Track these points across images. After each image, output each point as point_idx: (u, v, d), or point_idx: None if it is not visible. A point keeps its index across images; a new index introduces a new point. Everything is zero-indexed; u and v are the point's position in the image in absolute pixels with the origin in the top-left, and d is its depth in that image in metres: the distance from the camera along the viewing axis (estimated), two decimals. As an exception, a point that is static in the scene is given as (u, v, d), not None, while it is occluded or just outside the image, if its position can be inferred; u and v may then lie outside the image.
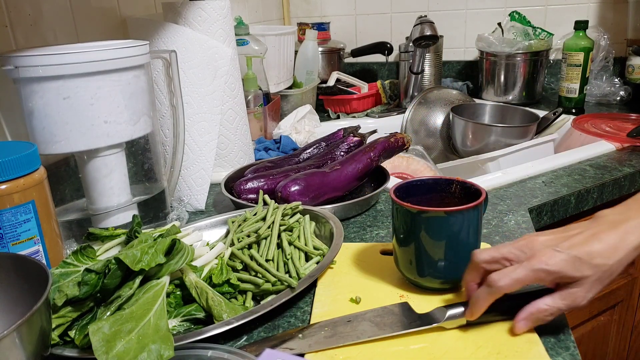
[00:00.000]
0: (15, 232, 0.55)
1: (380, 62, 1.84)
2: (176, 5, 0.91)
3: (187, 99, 0.90)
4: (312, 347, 0.51)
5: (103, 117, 0.68)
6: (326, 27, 1.76)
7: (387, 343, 0.52)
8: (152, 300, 0.51)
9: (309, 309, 0.59)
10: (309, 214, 0.73)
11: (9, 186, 0.54)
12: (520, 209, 0.82)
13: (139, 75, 0.72)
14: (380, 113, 1.52)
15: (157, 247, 0.54)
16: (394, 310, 0.56)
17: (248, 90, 1.17)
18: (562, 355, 0.49)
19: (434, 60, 1.58)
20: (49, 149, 0.67)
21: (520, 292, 0.55)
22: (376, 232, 0.77)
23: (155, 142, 0.80)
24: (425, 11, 1.74)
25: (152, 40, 0.90)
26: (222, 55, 0.93)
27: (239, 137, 1.02)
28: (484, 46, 1.54)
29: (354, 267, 0.67)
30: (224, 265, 0.61)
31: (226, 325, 0.52)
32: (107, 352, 0.45)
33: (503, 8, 1.66)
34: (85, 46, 0.70)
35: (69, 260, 0.57)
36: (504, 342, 0.51)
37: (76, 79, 0.66)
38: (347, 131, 0.99)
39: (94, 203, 0.73)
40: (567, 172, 0.98)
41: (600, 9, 1.58)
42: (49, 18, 0.86)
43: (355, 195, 0.87)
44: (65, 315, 0.52)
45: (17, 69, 0.63)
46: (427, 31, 1.38)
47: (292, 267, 0.62)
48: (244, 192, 0.84)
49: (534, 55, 1.48)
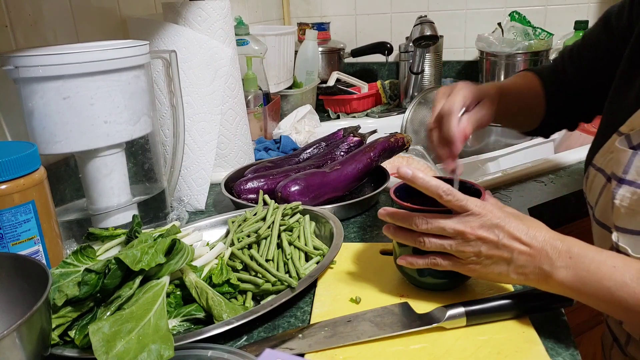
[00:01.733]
0: (15, 232, 0.55)
1: (380, 62, 1.83)
2: (176, 5, 0.91)
3: (187, 99, 0.90)
4: (312, 347, 0.51)
5: (103, 117, 0.68)
6: (326, 27, 1.76)
7: (387, 343, 0.52)
8: (152, 300, 0.51)
9: (309, 309, 0.59)
10: (309, 214, 0.73)
11: (9, 186, 0.54)
12: (521, 209, 0.82)
13: (139, 75, 0.72)
14: (380, 113, 1.52)
15: (157, 247, 0.54)
16: (394, 310, 0.56)
17: (248, 90, 1.17)
18: (562, 355, 0.49)
19: (434, 60, 1.58)
20: (49, 149, 0.67)
21: (521, 292, 0.55)
22: (376, 232, 0.77)
23: (155, 142, 0.80)
24: (425, 11, 1.74)
25: (152, 40, 0.90)
26: (222, 55, 0.93)
27: (239, 137, 1.02)
28: (484, 46, 1.54)
29: (354, 267, 0.67)
30: (224, 265, 0.61)
31: (226, 325, 0.52)
32: (107, 352, 0.45)
33: (503, 8, 1.66)
34: (85, 46, 0.70)
35: (69, 260, 0.57)
36: (504, 342, 0.51)
37: (76, 79, 0.65)
38: (347, 131, 0.99)
39: (94, 203, 0.73)
40: (567, 172, 0.98)
41: (600, 9, 1.58)
42: (49, 18, 0.86)
43: (355, 195, 0.87)
44: (65, 315, 0.52)
45: (17, 69, 0.63)
46: (427, 31, 1.38)
47: (292, 267, 0.62)
48: (244, 192, 0.84)
49: (534, 55, 1.48)
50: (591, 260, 0.49)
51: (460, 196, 0.53)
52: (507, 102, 0.77)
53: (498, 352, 0.49)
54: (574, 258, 0.49)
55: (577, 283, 0.49)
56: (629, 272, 0.47)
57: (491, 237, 0.52)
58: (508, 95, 0.78)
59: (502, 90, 0.76)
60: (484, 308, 0.53)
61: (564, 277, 0.49)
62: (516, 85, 0.83)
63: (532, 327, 0.52)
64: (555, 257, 0.50)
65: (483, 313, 0.53)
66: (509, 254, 0.51)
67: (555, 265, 0.49)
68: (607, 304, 0.49)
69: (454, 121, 0.65)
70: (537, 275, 0.51)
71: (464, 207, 0.53)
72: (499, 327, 0.53)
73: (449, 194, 0.53)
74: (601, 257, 0.49)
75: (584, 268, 0.49)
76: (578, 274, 0.49)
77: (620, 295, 0.47)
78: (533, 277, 0.51)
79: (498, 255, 0.52)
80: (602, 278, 0.48)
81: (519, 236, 0.51)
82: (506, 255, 0.52)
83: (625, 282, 0.47)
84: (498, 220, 0.52)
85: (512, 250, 0.51)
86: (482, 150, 1.24)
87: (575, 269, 0.49)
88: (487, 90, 0.72)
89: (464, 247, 0.53)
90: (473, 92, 0.69)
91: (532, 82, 0.83)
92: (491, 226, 0.52)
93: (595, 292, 0.48)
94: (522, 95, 0.82)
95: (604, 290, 0.48)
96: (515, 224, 0.52)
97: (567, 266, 0.49)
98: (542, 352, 0.49)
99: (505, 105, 0.76)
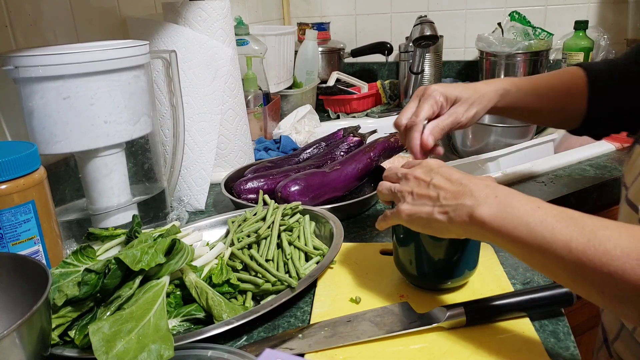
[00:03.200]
0: (15, 232, 0.55)
1: (380, 62, 1.83)
2: (176, 5, 0.91)
3: (187, 99, 0.90)
4: (312, 347, 0.51)
5: (103, 117, 0.68)
6: (326, 27, 1.76)
7: (387, 343, 0.52)
8: (152, 300, 0.51)
9: (309, 309, 0.59)
10: (309, 214, 0.73)
11: (9, 186, 0.54)
12: (520, 209, 0.81)
13: (139, 75, 0.72)
14: (380, 113, 1.52)
15: (157, 247, 0.54)
16: (394, 310, 0.56)
17: (248, 90, 1.17)
18: (562, 355, 0.49)
19: (434, 60, 1.58)
20: (49, 149, 0.67)
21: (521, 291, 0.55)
22: (376, 232, 0.77)
23: (155, 142, 0.80)
24: (425, 11, 1.74)
25: (152, 40, 0.90)
26: (222, 55, 0.93)
27: (239, 137, 1.02)
28: (484, 46, 1.54)
29: (354, 267, 0.67)
30: (224, 265, 0.61)
31: (226, 325, 0.52)
32: (107, 352, 0.45)
33: (503, 8, 1.66)
34: (85, 46, 0.70)
35: (69, 260, 0.57)
36: (504, 342, 0.51)
37: (76, 79, 0.66)
38: (347, 131, 0.99)
39: (94, 203, 0.73)
40: (567, 172, 0.98)
41: (600, 9, 1.58)
42: (49, 18, 0.86)
43: (355, 195, 0.87)
44: (65, 315, 0.52)
45: (17, 69, 0.63)
46: (427, 31, 1.38)
47: (292, 267, 0.62)
48: (244, 192, 0.84)
49: (534, 55, 1.48)
50: (515, 199, 0.47)
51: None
52: (519, 98, 0.76)
53: (498, 352, 0.49)
54: (499, 197, 0.48)
55: (497, 219, 0.47)
56: (551, 212, 0.45)
57: (424, 177, 0.54)
58: (520, 91, 0.76)
59: (511, 86, 0.75)
60: (484, 308, 0.53)
61: (485, 213, 0.47)
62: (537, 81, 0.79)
63: (532, 327, 0.52)
64: (481, 195, 0.49)
65: (483, 313, 0.53)
66: (436, 193, 0.52)
67: (478, 202, 0.48)
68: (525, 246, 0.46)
69: (416, 134, 0.68)
70: (459, 213, 0.49)
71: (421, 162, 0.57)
72: (499, 327, 0.53)
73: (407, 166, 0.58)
74: (528, 198, 0.48)
75: (507, 204, 0.47)
76: (500, 211, 0.47)
77: (539, 231, 0.44)
78: (455, 216, 0.50)
79: (427, 194, 0.53)
80: (523, 214, 0.46)
81: (450, 177, 0.52)
82: (433, 194, 0.52)
83: (546, 220, 0.44)
84: (438, 167, 0.55)
85: (440, 189, 0.52)
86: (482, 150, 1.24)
87: (499, 205, 0.47)
88: (470, 90, 0.72)
89: (402, 186, 0.55)
90: (446, 94, 0.70)
91: (570, 79, 0.78)
92: (429, 170, 0.55)
93: (514, 229, 0.46)
94: (545, 91, 0.78)
95: (523, 227, 0.45)
96: (453, 171, 0.53)
97: (490, 204, 0.48)
98: (542, 352, 0.49)
99: (518, 101, 0.75)
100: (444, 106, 0.71)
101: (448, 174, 0.53)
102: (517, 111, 0.79)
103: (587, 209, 0.93)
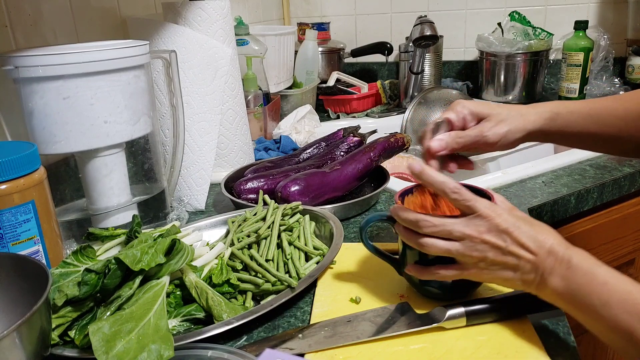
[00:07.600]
0: (15, 232, 0.55)
1: (380, 62, 1.83)
2: (176, 5, 0.91)
3: (187, 99, 0.90)
4: (312, 347, 0.51)
5: (103, 117, 0.68)
6: (326, 27, 1.76)
7: (387, 343, 0.52)
8: (152, 300, 0.51)
9: (309, 309, 0.59)
10: (309, 214, 0.73)
11: (9, 186, 0.54)
12: (521, 209, 0.81)
13: (139, 75, 0.72)
14: (380, 113, 1.52)
15: (157, 247, 0.54)
16: (394, 310, 0.56)
17: (248, 90, 1.17)
18: (562, 355, 0.49)
19: (434, 60, 1.58)
20: (49, 149, 0.67)
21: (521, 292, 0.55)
22: (376, 232, 0.77)
23: (155, 142, 0.80)
24: (425, 11, 1.74)
25: (152, 40, 0.90)
26: (222, 55, 0.93)
27: (239, 137, 1.02)
28: (484, 46, 1.54)
29: (354, 267, 0.67)
30: (224, 265, 0.61)
31: (226, 325, 0.52)
32: (107, 352, 0.45)
33: (503, 8, 1.65)
34: (85, 46, 0.70)
35: (69, 260, 0.57)
36: (504, 342, 0.51)
37: (76, 79, 0.66)
38: (347, 131, 0.99)
39: (94, 203, 0.73)
40: (567, 172, 0.98)
41: (600, 9, 1.58)
42: (49, 18, 0.86)
43: (355, 195, 0.87)
44: (65, 315, 0.52)
45: (17, 69, 0.63)
46: (427, 31, 1.38)
47: (292, 267, 0.62)
48: (244, 192, 0.84)
49: (534, 55, 1.48)
50: (585, 273, 0.47)
51: (468, 195, 0.51)
52: (569, 123, 0.67)
53: (498, 352, 0.49)
54: (571, 269, 0.48)
55: (568, 294, 0.47)
56: (616, 292, 0.45)
57: (499, 243, 0.50)
58: (572, 114, 0.67)
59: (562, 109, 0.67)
60: (484, 308, 0.53)
61: (557, 285, 0.48)
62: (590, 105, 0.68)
63: (532, 327, 0.52)
64: (557, 265, 0.48)
65: (483, 313, 0.53)
66: (516, 261, 0.50)
67: (553, 273, 0.48)
68: (592, 321, 0.47)
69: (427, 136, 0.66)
70: (537, 282, 0.50)
71: (472, 208, 0.51)
72: (499, 327, 0.53)
73: (455, 192, 0.51)
74: (596, 271, 0.47)
75: (577, 280, 0.47)
76: (570, 285, 0.47)
77: (603, 314, 0.45)
78: (533, 284, 0.50)
79: (504, 261, 0.50)
80: (590, 293, 0.46)
81: (526, 243, 0.50)
82: (513, 263, 0.50)
83: (609, 303, 0.45)
84: (507, 225, 0.50)
85: (519, 258, 0.50)
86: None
87: (569, 279, 0.47)
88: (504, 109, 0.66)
89: (470, 251, 0.51)
90: (473, 109, 0.65)
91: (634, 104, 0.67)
92: (499, 231, 0.50)
93: (582, 307, 0.47)
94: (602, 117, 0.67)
95: (590, 307, 0.46)
96: (523, 230, 0.50)
97: (562, 276, 0.48)
98: (542, 352, 0.49)
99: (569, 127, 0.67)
100: (468, 120, 0.65)
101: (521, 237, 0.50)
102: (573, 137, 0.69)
103: (587, 209, 0.93)
